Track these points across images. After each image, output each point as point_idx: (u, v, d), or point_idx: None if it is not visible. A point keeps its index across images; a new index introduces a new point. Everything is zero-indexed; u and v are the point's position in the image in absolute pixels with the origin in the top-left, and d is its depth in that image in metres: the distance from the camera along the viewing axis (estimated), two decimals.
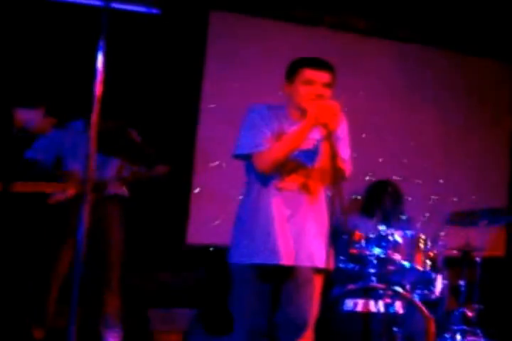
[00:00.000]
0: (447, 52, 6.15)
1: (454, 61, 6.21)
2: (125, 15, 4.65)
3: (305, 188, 3.04)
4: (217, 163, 5.29)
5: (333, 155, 2.74)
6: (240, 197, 3.21)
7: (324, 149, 2.90)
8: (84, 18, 4.35)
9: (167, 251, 5.15)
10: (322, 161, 2.93)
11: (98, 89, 2.60)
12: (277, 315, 3.05)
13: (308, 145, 3.02)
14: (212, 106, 5.39)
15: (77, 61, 4.54)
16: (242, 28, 5.51)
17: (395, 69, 5.99)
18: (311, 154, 3.00)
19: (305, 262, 3.01)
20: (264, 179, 3.02)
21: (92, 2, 3.07)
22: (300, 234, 3.01)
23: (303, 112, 2.96)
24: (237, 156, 3.07)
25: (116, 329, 4.44)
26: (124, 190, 4.47)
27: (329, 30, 5.71)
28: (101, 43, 2.60)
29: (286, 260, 2.98)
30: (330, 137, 2.79)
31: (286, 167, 3.00)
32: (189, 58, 5.36)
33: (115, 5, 4.46)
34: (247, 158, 3.04)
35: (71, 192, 4.05)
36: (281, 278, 3.05)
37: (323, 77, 3.00)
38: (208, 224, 5.27)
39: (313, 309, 3.06)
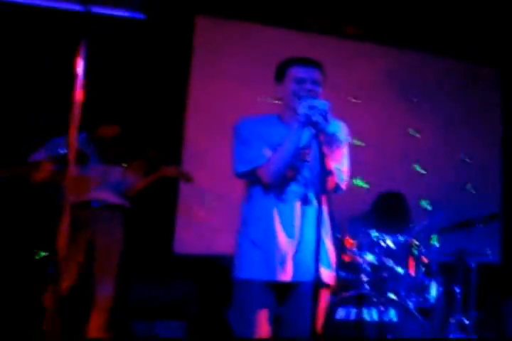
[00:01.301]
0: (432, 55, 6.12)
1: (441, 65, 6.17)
2: (110, 20, 4.65)
3: (306, 199, 2.95)
4: (202, 172, 5.22)
5: (321, 155, 2.61)
6: (241, 210, 3.08)
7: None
8: (68, 24, 4.28)
9: (154, 261, 5.04)
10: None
11: (78, 94, 2.52)
12: (282, 329, 2.99)
13: (308, 156, 2.94)
14: (198, 110, 5.34)
15: (59, 67, 4.44)
16: (228, 32, 5.45)
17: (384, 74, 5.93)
18: (312, 165, 2.92)
19: (309, 277, 2.90)
20: (267, 191, 2.95)
21: (74, 7, 2.97)
22: (305, 247, 2.91)
23: (295, 112, 2.88)
24: (239, 174, 2.98)
25: None
26: (125, 202, 4.43)
27: (316, 34, 5.64)
28: (81, 48, 2.53)
29: (291, 276, 2.92)
30: (318, 136, 2.68)
31: (286, 178, 2.92)
32: (175, 62, 5.30)
33: (99, 10, 4.42)
34: (248, 175, 2.95)
35: (46, 167, 3.89)
36: (284, 293, 2.98)
37: (312, 73, 2.93)
38: (196, 234, 5.19)
39: (318, 325, 2.94)
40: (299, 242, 2.92)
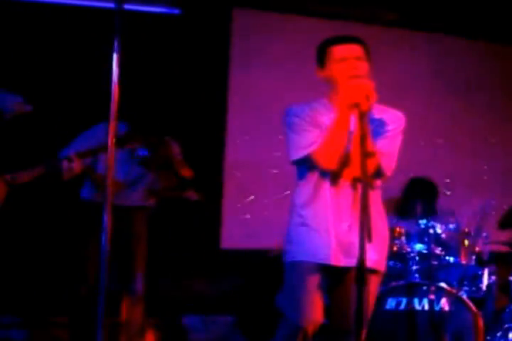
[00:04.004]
0: (473, 41, 6.02)
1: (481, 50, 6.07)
2: (146, 16, 4.68)
3: (358, 184, 2.87)
4: (246, 167, 5.21)
5: (362, 138, 2.52)
6: (295, 194, 3.06)
7: (357, 131, 2.69)
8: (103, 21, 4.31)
9: (201, 257, 5.05)
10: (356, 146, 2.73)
11: (115, 90, 2.57)
12: (329, 317, 2.97)
13: None
14: (239, 105, 5.33)
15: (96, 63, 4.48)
16: (266, 24, 5.43)
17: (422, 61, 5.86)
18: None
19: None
20: (321, 176, 2.92)
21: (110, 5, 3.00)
22: (356, 232, 2.86)
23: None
24: (295, 162, 2.94)
25: (139, 338, 4.35)
26: (151, 202, 4.41)
27: (355, 23, 5.59)
28: (115, 45, 2.58)
29: (343, 261, 2.89)
30: (362, 118, 2.61)
31: (340, 162, 2.87)
32: (213, 57, 5.30)
33: (134, 7, 4.46)
34: (304, 162, 2.91)
35: (76, 165, 3.90)
36: (334, 278, 2.96)
37: (354, 50, 2.88)
38: (242, 228, 5.18)
39: (367, 312, 2.85)
40: (350, 226, 2.88)
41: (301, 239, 2.95)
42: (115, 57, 2.58)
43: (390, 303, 4.05)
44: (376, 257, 2.89)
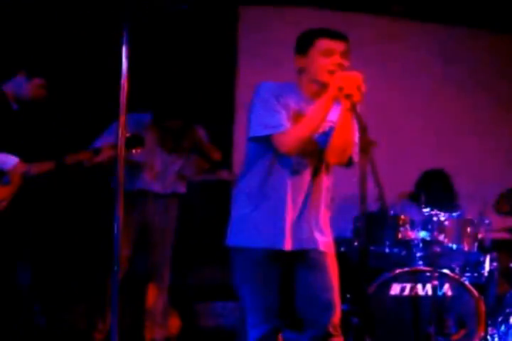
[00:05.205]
0: (482, 31, 6.07)
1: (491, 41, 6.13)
2: (153, 9, 4.74)
3: (317, 171, 2.94)
4: None
5: (363, 128, 2.54)
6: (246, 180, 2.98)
7: (344, 123, 2.79)
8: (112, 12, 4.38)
9: (213, 244, 5.13)
10: (340, 137, 2.83)
11: (124, 82, 2.64)
12: (297, 298, 2.92)
13: (324, 127, 2.89)
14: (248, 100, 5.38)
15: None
16: (272, 19, 5.49)
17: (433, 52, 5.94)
18: (325, 137, 2.89)
19: (311, 245, 2.89)
20: (279, 161, 2.89)
21: None
22: (309, 217, 2.90)
23: (320, 85, 2.86)
24: (254, 138, 2.88)
25: (163, 324, 4.48)
26: (182, 188, 4.52)
27: (363, 14, 5.66)
28: (124, 37, 2.63)
29: (293, 244, 2.87)
30: (355, 109, 2.65)
31: (304, 149, 2.86)
32: (222, 54, 5.38)
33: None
34: (263, 140, 2.87)
35: (107, 153, 4.00)
36: (291, 262, 2.93)
37: (340, 46, 2.87)
38: None
39: (335, 288, 2.91)
40: (301, 212, 2.90)
41: (253, 224, 2.90)
42: (124, 49, 2.63)
43: (395, 289, 4.15)
44: (326, 240, 2.93)
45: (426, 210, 4.31)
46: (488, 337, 4.18)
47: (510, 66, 6.16)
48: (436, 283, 4.09)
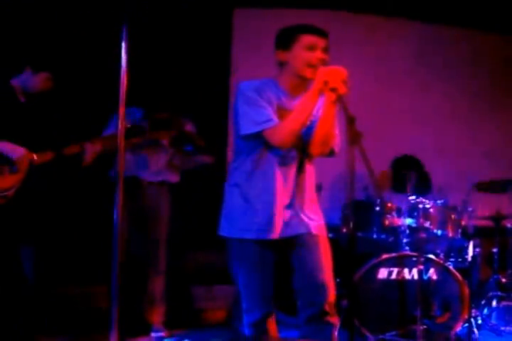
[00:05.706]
0: (465, 30, 6.16)
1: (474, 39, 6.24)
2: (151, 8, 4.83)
3: (302, 162, 3.07)
4: None
5: (351, 119, 2.61)
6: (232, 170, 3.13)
7: (327, 115, 2.91)
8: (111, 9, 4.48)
9: (208, 229, 5.24)
10: (323, 129, 2.95)
11: (123, 76, 2.71)
12: (294, 280, 3.05)
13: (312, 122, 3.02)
14: None
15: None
16: (266, 21, 5.51)
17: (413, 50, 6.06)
18: (308, 130, 3.00)
19: (303, 230, 3.03)
20: (268, 154, 3.01)
21: None
22: (297, 205, 3.04)
23: (301, 79, 2.99)
24: (246, 136, 2.97)
25: (161, 307, 4.60)
26: (173, 177, 4.64)
27: (352, 14, 5.77)
28: (123, 32, 2.71)
29: (285, 232, 3.01)
30: (341, 101, 2.76)
31: (293, 142, 2.99)
32: (216, 56, 5.49)
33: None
34: (253, 137, 2.96)
35: (96, 147, 4.10)
36: (285, 248, 3.06)
37: (322, 42, 2.98)
38: None
39: (328, 268, 3.04)
40: (290, 201, 3.02)
41: (243, 215, 3.01)
42: (123, 44, 2.70)
43: (382, 273, 4.29)
44: (317, 223, 3.07)
45: (412, 198, 4.44)
46: (472, 320, 4.29)
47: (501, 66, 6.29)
48: (421, 267, 4.19)
